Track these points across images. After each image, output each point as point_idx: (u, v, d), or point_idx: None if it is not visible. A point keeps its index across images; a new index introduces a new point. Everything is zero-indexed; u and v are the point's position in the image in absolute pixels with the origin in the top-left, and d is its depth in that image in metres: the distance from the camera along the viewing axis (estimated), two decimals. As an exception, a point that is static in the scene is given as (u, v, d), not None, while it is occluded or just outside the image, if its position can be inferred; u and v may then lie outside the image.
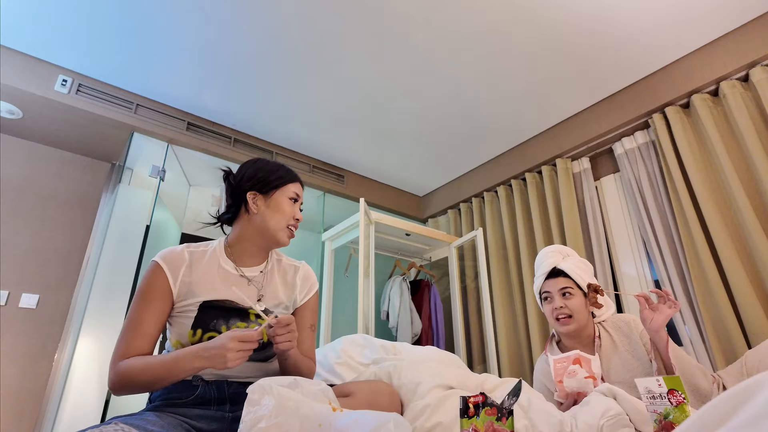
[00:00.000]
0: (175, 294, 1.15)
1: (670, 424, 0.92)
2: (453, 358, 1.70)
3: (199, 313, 1.15)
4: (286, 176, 1.29)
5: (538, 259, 1.83)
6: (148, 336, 1.09)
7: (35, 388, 2.46)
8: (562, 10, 2.18)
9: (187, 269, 1.19)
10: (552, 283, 1.71)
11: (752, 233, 2.06)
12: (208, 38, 2.36)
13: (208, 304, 1.16)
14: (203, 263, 1.22)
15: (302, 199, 1.32)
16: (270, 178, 1.27)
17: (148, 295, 1.13)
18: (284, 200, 1.27)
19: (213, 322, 1.15)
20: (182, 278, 1.17)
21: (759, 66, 2.22)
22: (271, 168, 1.29)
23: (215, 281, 1.20)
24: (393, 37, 2.35)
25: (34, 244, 2.66)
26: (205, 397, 1.07)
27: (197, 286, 1.17)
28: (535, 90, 2.75)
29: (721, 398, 0.45)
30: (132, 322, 1.10)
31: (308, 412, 0.71)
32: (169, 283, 1.15)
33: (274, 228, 1.25)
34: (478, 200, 3.60)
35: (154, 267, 1.17)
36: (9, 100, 2.48)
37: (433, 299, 3.41)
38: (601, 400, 1.17)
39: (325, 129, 3.16)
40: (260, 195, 1.26)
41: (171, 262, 1.17)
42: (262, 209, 1.25)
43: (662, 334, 1.45)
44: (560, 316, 1.65)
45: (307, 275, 1.38)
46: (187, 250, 1.23)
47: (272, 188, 1.27)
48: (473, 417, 0.88)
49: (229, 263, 1.25)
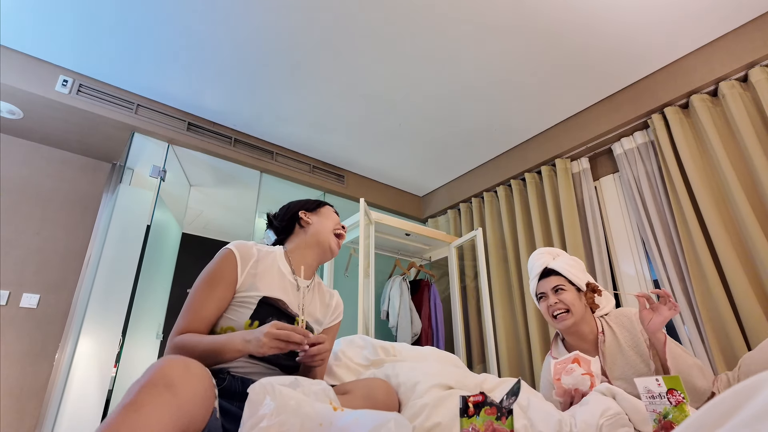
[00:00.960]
0: (239, 283, 1.23)
1: (670, 424, 0.92)
2: (452, 358, 1.70)
3: (258, 306, 1.23)
4: (322, 203, 1.53)
5: (530, 263, 1.85)
6: (205, 319, 1.16)
7: (36, 387, 2.46)
8: (561, 10, 2.19)
9: (254, 263, 1.28)
10: (545, 283, 1.73)
11: (751, 233, 2.07)
12: (208, 38, 2.36)
13: (266, 300, 1.24)
14: (267, 261, 1.32)
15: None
16: (313, 202, 1.52)
17: (215, 280, 1.19)
18: (329, 212, 1.50)
19: (269, 318, 1.22)
20: (249, 270, 1.26)
21: (758, 66, 2.23)
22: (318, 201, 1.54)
23: (275, 280, 1.30)
24: (393, 37, 2.36)
25: (34, 244, 2.66)
26: (230, 389, 1.09)
27: (260, 280, 1.26)
28: (535, 90, 2.76)
29: (721, 398, 0.45)
30: (194, 304, 1.16)
31: (309, 411, 0.71)
32: (237, 272, 1.23)
33: (325, 232, 1.44)
34: (478, 200, 3.61)
35: (227, 254, 1.24)
36: (9, 101, 2.49)
37: (432, 299, 3.41)
38: (601, 399, 1.17)
39: (325, 129, 3.17)
40: (309, 212, 1.48)
41: (243, 252, 1.26)
42: (313, 220, 1.46)
43: (660, 336, 1.45)
44: (556, 312, 1.65)
45: (339, 303, 1.51)
46: (255, 246, 1.32)
47: (317, 207, 1.50)
48: (473, 416, 0.88)
49: (287, 267, 1.36)
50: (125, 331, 2.47)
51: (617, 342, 1.62)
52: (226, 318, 1.21)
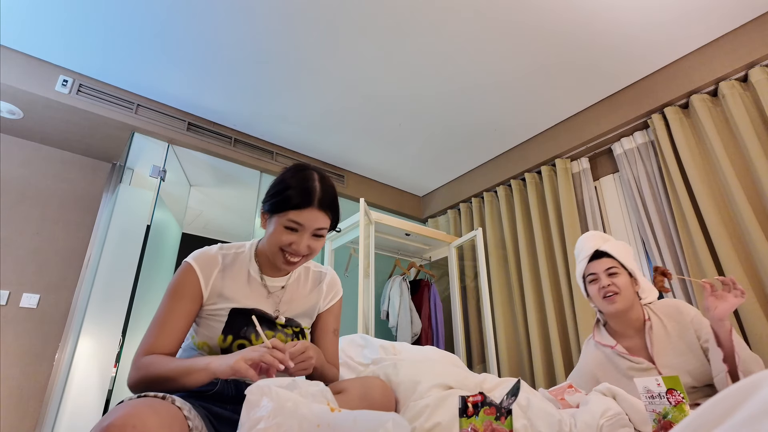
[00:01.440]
0: (206, 296, 1.15)
1: (669, 424, 0.92)
2: (452, 358, 1.70)
3: (229, 318, 1.14)
4: (290, 202, 1.12)
5: (579, 245, 1.80)
6: (174, 334, 1.08)
7: (36, 388, 2.46)
8: (561, 10, 2.19)
9: (219, 273, 1.17)
10: (597, 265, 1.69)
11: (751, 233, 2.07)
12: (208, 38, 2.36)
13: (239, 311, 1.16)
14: (236, 267, 1.21)
15: (313, 227, 1.14)
16: (275, 199, 1.15)
17: (178, 294, 1.11)
18: (278, 227, 1.14)
19: (243, 329, 1.15)
20: (213, 282, 1.16)
21: (758, 66, 2.22)
22: (284, 187, 1.15)
23: (245, 288, 1.20)
24: (393, 37, 2.36)
25: (34, 244, 2.66)
26: (223, 394, 1.06)
27: (229, 291, 1.17)
28: (535, 90, 2.76)
29: (719, 397, 0.45)
30: (160, 319, 1.09)
31: (306, 413, 0.71)
32: (200, 285, 1.14)
33: (268, 250, 1.18)
34: (478, 200, 3.60)
35: (186, 268, 1.15)
36: (9, 101, 2.49)
37: (432, 299, 3.41)
38: (601, 399, 1.17)
39: (325, 129, 3.17)
40: (266, 213, 1.19)
41: (204, 264, 1.16)
42: (268, 225, 1.18)
43: (726, 323, 1.40)
44: (608, 294, 1.63)
45: (332, 281, 1.38)
46: (220, 252, 1.21)
47: (273, 211, 1.15)
48: (472, 416, 0.88)
49: (256, 270, 1.23)
50: (125, 331, 2.47)
51: (665, 330, 1.60)
52: (200, 333, 1.15)
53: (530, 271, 3.00)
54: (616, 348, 1.62)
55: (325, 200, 1.15)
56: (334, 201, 1.18)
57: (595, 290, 1.67)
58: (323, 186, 1.16)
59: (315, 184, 1.15)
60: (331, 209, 1.17)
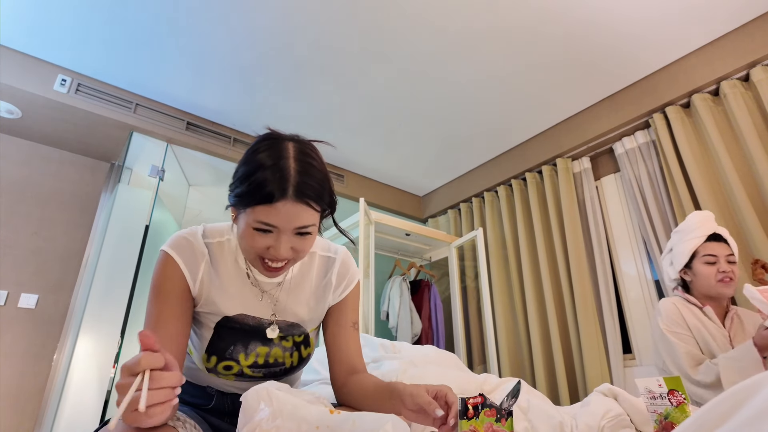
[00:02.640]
0: (195, 293, 0.91)
1: (670, 425, 0.91)
2: (452, 358, 1.70)
3: (214, 334, 0.93)
4: (256, 194, 0.79)
5: (693, 221, 1.82)
6: (170, 338, 0.85)
7: (34, 388, 2.46)
8: (562, 9, 2.18)
9: (207, 267, 0.92)
10: (718, 247, 1.73)
11: (752, 233, 2.06)
12: (207, 38, 2.36)
13: (226, 323, 0.93)
14: (222, 261, 0.94)
15: (291, 227, 0.82)
16: (238, 189, 0.83)
17: (162, 293, 0.88)
18: (247, 229, 0.82)
19: (230, 348, 0.93)
20: (202, 277, 0.91)
21: (759, 66, 2.22)
22: (247, 172, 0.82)
23: (235, 288, 0.95)
24: (393, 37, 2.35)
25: (33, 244, 2.66)
26: (219, 409, 0.99)
27: (217, 292, 0.92)
28: (536, 90, 2.75)
29: (721, 398, 0.44)
30: (149, 324, 0.86)
31: (305, 415, 0.70)
32: (186, 282, 0.90)
33: (246, 256, 0.90)
34: (478, 200, 3.60)
35: (165, 260, 0.89)
36: (8, 100, 2.48)
37: (433, 299, 3.41)
38: (602, 400, 1.16)
39: (325, 129, 3.16)
40: (232, 205, 0.87)
41: (187, 256, 0.90)
42: (238, 221, 0.87)
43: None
44: (726, 278, 1.69)
45: (343, 268, 1.06)
46: (205, 240, 0.94)
47: (239, 207, 0.84)
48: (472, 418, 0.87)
49: (244, 262, 0.97)
50: (124, 331, 2.46)
51: (741, 322, 1.71)
52: None
53: (531, 271, 2.99)
54: (705, 309, 1.70)
55: (302, 186, 0.80)
56: (320, 184, 0.84)
57: (712, 271, 1.71)
58: (300, 164, 0.82)
59: (288, 164, 0.81)
60: (317, 197, 0.82)
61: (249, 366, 0.95)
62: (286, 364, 1.00)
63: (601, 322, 2.62)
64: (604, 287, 2.64)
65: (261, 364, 0.97)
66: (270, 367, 0.98)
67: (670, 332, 1.67)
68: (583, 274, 2.69)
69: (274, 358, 0.98)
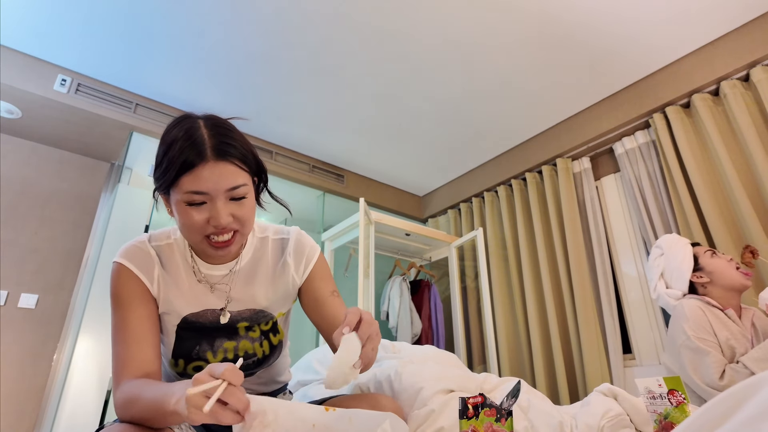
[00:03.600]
0: (155, 294, 0.91)
1: (670, 424, 0.91)
2: (452, 358, 1.70)
3: (177, 338, 0.93)
4: (174, 168, 0.80)
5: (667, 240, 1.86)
6: (141, 343, 0.84)
7: (34, 388, 2.46)
8: (562, 9, 2.18)
9: (159, 269, 0.92)
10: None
11: (753, 233, 2.06)
12: (207, 38, 2.36)
13: (185, 326, 0.93)
14: (172, 263, 0.94)
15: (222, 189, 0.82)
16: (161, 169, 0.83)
17: (123, 299, 0.87)
18: (180, 206, 0.82)
19: (195, 348, 0.93)
20: (157, 279, 0.91)
21: (759, 66, 2.22)
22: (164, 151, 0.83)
23: (187, 287, 0.94)
24: (393, 37, 2.35)
25: (33, 244, 2.65)
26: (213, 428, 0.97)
27: (172, 293, 0.92)
28: (535, 90, 2.75)
29: (721, 398, 0.44)
30: (117, 333, 0.85)
31: (302, 414, 0.70)
32: (143, 284, 0.89)
33: (189, 241, 0.90)
34: (479, 200, 3.60)
35: (119, 270, 0.89)
36: (8, 100, 2.48)
37: (433, 299, 3.41)
38: (602, 400, 1.16)
39: (325, 129, 3.16)
40: (161, 194, 0.88)
41: (140, 262, 0.90)
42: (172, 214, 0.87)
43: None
44: (745, 270, 1.69)
45: (299, 247, 1.04)
46: (150, 243, 0.94)
47: (165, 186, 0.83)
48: (472, 418, 0.87)
49: (190, 258, 0.95)
50: (124, 331, 2.46)
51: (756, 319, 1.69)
52: None
53: (531, 271, 2.99)
54: (727, 311, 1.66)
55: (222, 146, 0.82)
56: (240, 145, 0.86)
57: (731, 264, 1.71)
58: (214, 131, 0.84)
59: (199, 133, 0.82)
60: (239, 156, 0.84)
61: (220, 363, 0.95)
62: (258, 354, 0.99)
63: (601, 322, 2.62)
64: (604, 287, 2.64)
65: (232, 359, 0.96)
66: None
67: (699, 339, 1.56)
68: (583, 275, 2.69)
69: (243, 351, 0.98)
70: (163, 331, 0.94)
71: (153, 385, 0.76)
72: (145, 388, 0.75)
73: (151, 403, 0.72)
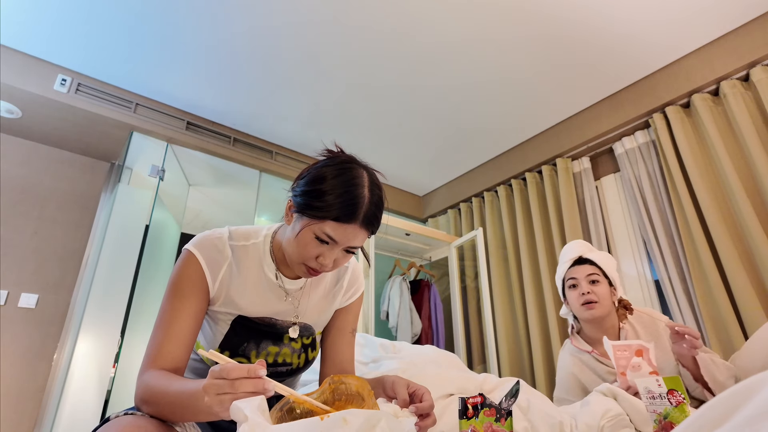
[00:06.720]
0: (212, 295, 0.96)
1: (670, 424, 0.91)
2: (452, 358, 1.70)
3: (230, 330, 0.97)
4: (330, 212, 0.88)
5: (563, 251, 1.83)
6: (182, 338, 0.89)
7: (34, 388, 2.46)
8: (561, 9, 2.18)
9: (228, 269, 0.97)
10: (579, 270, 1.70)
11: (752, 233, 2.06)
12: (207, 38, 2.36)
13: (243, 321, 0.98)
14: (246, 264, 0.99)
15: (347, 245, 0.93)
16: (311, 200, 0.90)
17: (181, 290, 0.92)
18: (307, 234, 0.90)
19: (243, 345, 0.98)
20: (222, 279, 0.96)
21: (759, 66, 2.21)
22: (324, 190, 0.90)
23: (256, 290, 1.00)
24: (393, 37, 2.35)
25: (33, 244, 2.66)
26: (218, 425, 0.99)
27: (237, 293, 0.97)
28: (535, 90, 2.75)
29: (720, 398, 0.44)
30: (164, 321, 0.89)
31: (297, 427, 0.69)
32: (206, 280, 0.94)
33: (290, 256, 0.95)
34: (478, 200, 3.60)
35: (188, 258, 0.94)
36: (8, 100, 2.48)
37: (433, 299, 3.41)
38: (602, 400, 1.16)
39: (324, 128, 3.16)
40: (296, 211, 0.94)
41: (210, 256, 0.95)
42: (291, 226, 0.95)
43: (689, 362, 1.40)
44: (587, 301, 1.63)
45: (354, 276, 1.15)
46: (230, 240, 0.99)
47: (306, 214, 0.91)
48: (472, 418, 0.87)
49: (272, 267, 1.02)
50: (124, 331, 2.47)
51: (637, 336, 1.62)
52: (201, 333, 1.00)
53: (531, 271, 2.99)
54: (593, 353, 1.62)
55: (371, 215, 0.92)
56: (379, 213, 0.96)
57: (575, 296, 1.67)
58: (373, 196, 0.93)
59: (364, 193, 0.91)
60: (374, 225, 0.94)
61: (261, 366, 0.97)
62: (293, 364, 1.04)
63: (600, 322, 2.62)
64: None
65: (269, 364, 1.00)
66: (277, 366, 1.01)
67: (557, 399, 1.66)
68: (583, 274, 2.69)
69: (282, 359, 1.02)
70: (218, 321, 0.98)
71: (180, 380, 0.79)
72: (174, 382, 0.78)
73: (177, 397, 0.74)
